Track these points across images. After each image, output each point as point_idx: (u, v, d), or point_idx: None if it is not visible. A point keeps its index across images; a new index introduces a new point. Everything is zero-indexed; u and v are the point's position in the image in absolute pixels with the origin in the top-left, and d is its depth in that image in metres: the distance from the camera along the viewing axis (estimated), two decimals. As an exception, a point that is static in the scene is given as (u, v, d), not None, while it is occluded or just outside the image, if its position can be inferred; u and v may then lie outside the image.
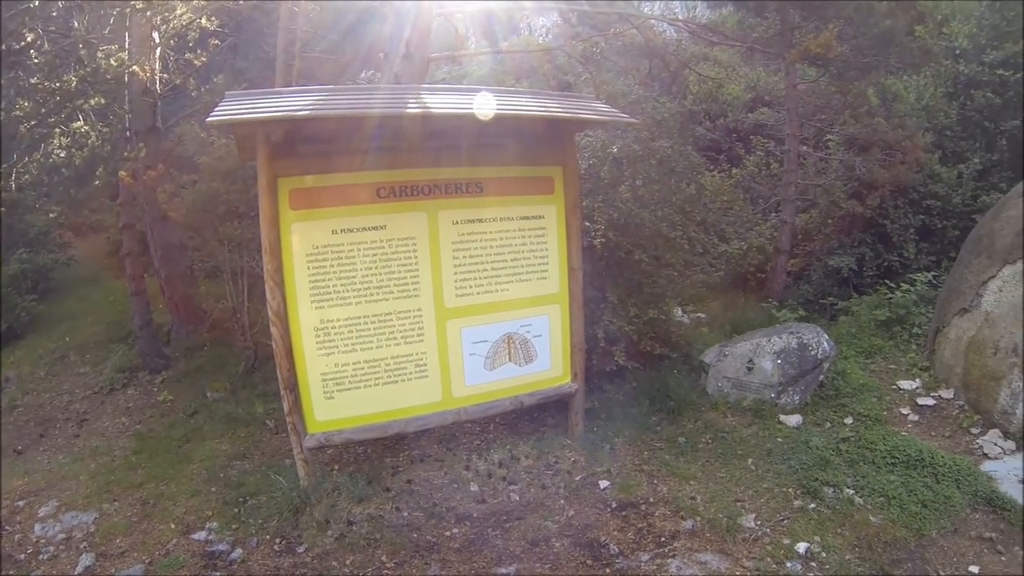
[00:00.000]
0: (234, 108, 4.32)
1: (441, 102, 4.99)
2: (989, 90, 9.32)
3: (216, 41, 9.08)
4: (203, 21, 8.57)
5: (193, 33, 8.89)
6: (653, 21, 10.31)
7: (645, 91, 8.22)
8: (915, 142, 8.87)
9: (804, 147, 9.83)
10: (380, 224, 4.91)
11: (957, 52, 9.85)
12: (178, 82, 8.79)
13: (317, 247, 4.77)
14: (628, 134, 6.39)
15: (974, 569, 4.31)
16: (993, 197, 8.41)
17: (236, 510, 5.09)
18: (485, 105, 4.75)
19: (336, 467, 5.52)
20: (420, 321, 5.09)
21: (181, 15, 8.46)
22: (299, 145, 4.75)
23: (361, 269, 4.88)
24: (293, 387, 4.82)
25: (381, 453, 5.72)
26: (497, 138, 5.31)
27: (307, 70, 9.06)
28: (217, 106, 4.40)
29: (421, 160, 5.04)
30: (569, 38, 9.86)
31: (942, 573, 4.29)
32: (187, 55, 8.80)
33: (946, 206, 8.93)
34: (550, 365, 5.65)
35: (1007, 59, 9.19)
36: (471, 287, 5.25)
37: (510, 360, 5.48)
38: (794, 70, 8.99)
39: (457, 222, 5.16)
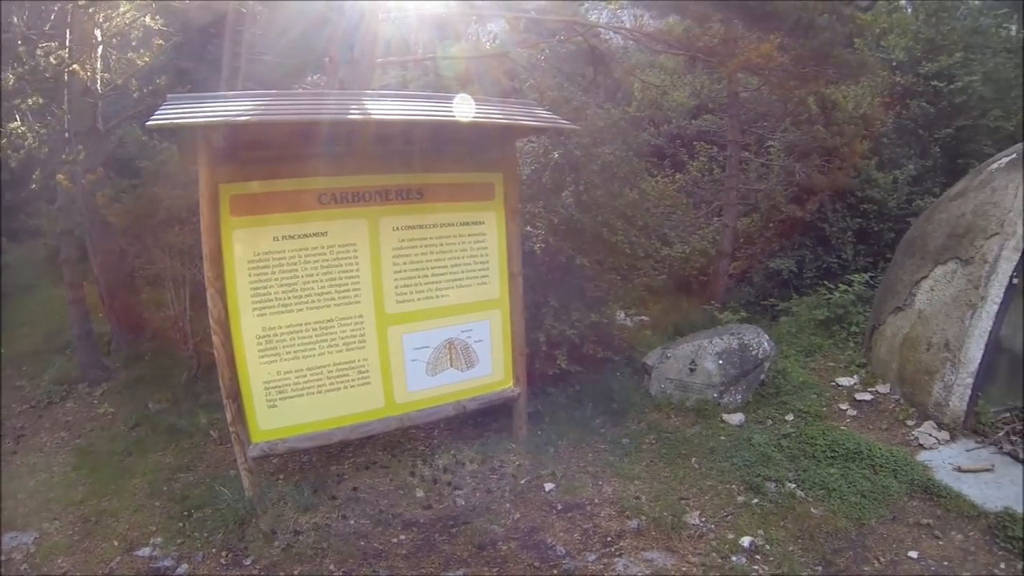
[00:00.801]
0: (175, 111, 4.23)
1: (383, 108, 4.97)
2: (924, 100, 9.76)
3: (160, 41, 8.83)
4: (147, 20, 8.36)
5: (136, 32, 8.67)
6: (600, 29, 10.45)
7: (589, 97, 8.28)
8: (853, 149, 9.14)
9: (746, 153, 10.06)
10: (321, 231, 4.87)
11: (894, 64, 10.25)
12: (120, 82, 8.53)
13: (259, 254, 4.71)
14: (571, 140, 6.44)
15: (913, 554, 4.46)
16: (927, 201, 8.73)
17: (181, 524, 4.97)
18: (426, 112, 4.76)
19: (281, 476, 5.45)
20: (361, 327, 5.06)
21: (124, 13, 8.24)
22: (241, 151, 4.67)
23: (302, 276, 4.83)
24: (236, 396, 4.74)
25: (326, 461, 5.66)
26: (438, 144, 5.31)
27: (254, 73, 8.92)
28: (159, 108, 4.30)
29: (362, 167, 5.01)
30: (517, 44, 9.91)
31: (882, 559, 4.43)
32: (130, 54, 8.57)
33: (882, 210, 9.25)
34: (492, 370, 5.67)
35: (941, 71, 9.60)
36: (411, 293, 5.24)
37: (451, 366, 5.48)
38: (736, 78, 9.15)
39: (397, 228, 5.14)
